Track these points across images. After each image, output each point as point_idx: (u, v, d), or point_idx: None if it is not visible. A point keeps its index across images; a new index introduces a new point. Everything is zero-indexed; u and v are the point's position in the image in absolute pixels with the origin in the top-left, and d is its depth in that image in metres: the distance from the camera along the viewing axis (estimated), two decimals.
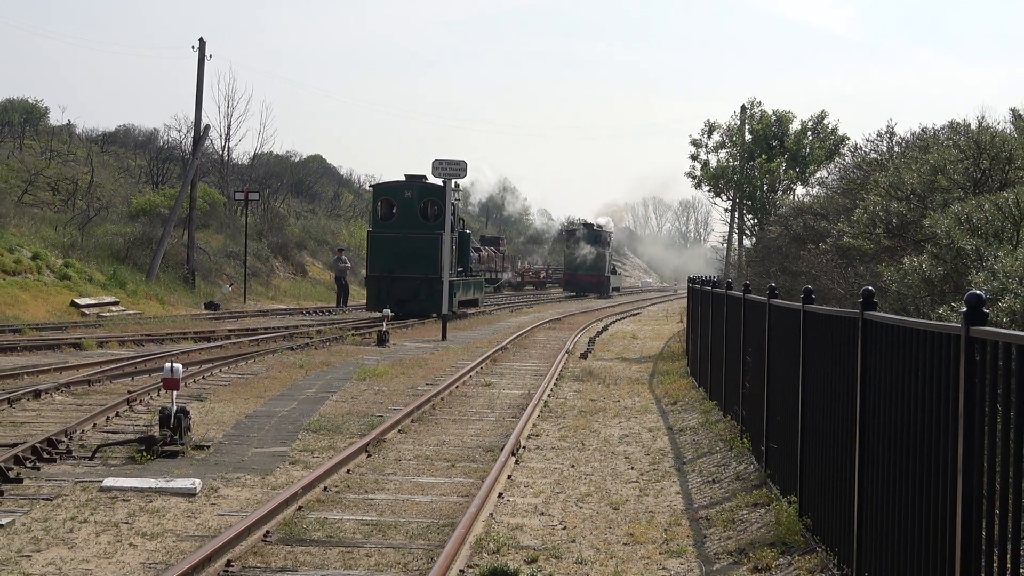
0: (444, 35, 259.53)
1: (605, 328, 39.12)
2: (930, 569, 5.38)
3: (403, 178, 40.26)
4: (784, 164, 44.41)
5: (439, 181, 36.89)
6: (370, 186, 44.22)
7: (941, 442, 5.27)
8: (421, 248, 37.60)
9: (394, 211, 39.49)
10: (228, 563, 8.29)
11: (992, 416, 4.65)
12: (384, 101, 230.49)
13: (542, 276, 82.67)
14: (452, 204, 37.59)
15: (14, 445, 12.24)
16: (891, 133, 25.98)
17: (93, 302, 36.14)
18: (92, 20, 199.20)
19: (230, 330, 30.51)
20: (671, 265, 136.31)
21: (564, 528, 9.88)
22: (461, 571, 8.30)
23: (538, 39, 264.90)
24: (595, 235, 75.33)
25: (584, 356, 27.29)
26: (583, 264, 73.54)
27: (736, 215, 48.76)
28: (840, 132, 44.78)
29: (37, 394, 16.72)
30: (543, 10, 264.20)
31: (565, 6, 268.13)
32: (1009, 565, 4.40)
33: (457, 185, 38.51)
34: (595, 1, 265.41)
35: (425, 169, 35.75)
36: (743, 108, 47.67)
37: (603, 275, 73.70)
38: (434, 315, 36.93)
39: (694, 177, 48.87)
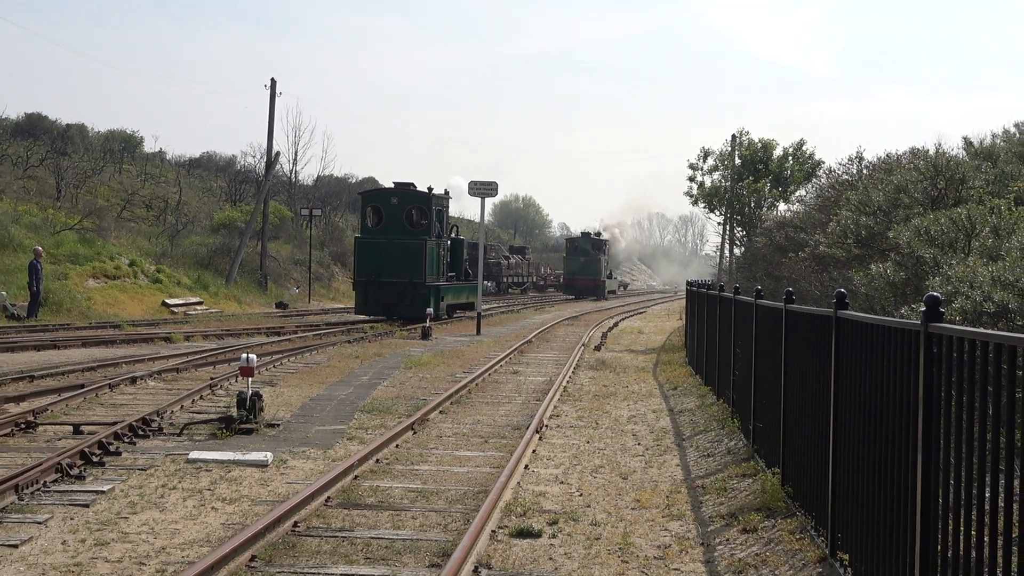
0: (478, 75, 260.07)
1: (615, 324, 39.00)
2: (894, 531, 5.36)
3: (391, 185, 35.74)
4: (768, 184, 44.37)
5: (425, 188, 34.88)
6: (359, 193, 40.62)
7: (903, 423, 5.24)
8: (406, 254, 33.41)
9: (381, 218, 34.64)
10: (295, 524, 8.32)
11: (947, 400, 4.63)
12: (427, 130, 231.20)
13: (562, 280, 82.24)
14: (439, 210, 35.19)
15: (114, 424, 12.34)
16: (860, 158, 25.87)
17: (181, 302, 36.39)
18: (181, 63, 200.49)
19: (297, 326, 30.60)
20: (672, 271, 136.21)
21: (580, 495, 9.87)
22: (493, 531, 8.30)
23: (562, 78, 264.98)
24: (592, 243, 72.39)
25: (598, 348, 27.22)
26: (581, 269, 70.45)
27: (727, 228, 48.60)
28: (816, 157, 44.71)
29: (133, 380, 16.82)
30: (563, 55, 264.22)
31: (583, 52, 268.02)
32: (962, 528, 4.38)
33: (447, 193, 36.01)
34: (608, 47, 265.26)
35: (464, 190, 34.56)
36: (733, 137, 47.59)
37: (599, 279, 70.84)
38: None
39: (691, 195, 48.79)
